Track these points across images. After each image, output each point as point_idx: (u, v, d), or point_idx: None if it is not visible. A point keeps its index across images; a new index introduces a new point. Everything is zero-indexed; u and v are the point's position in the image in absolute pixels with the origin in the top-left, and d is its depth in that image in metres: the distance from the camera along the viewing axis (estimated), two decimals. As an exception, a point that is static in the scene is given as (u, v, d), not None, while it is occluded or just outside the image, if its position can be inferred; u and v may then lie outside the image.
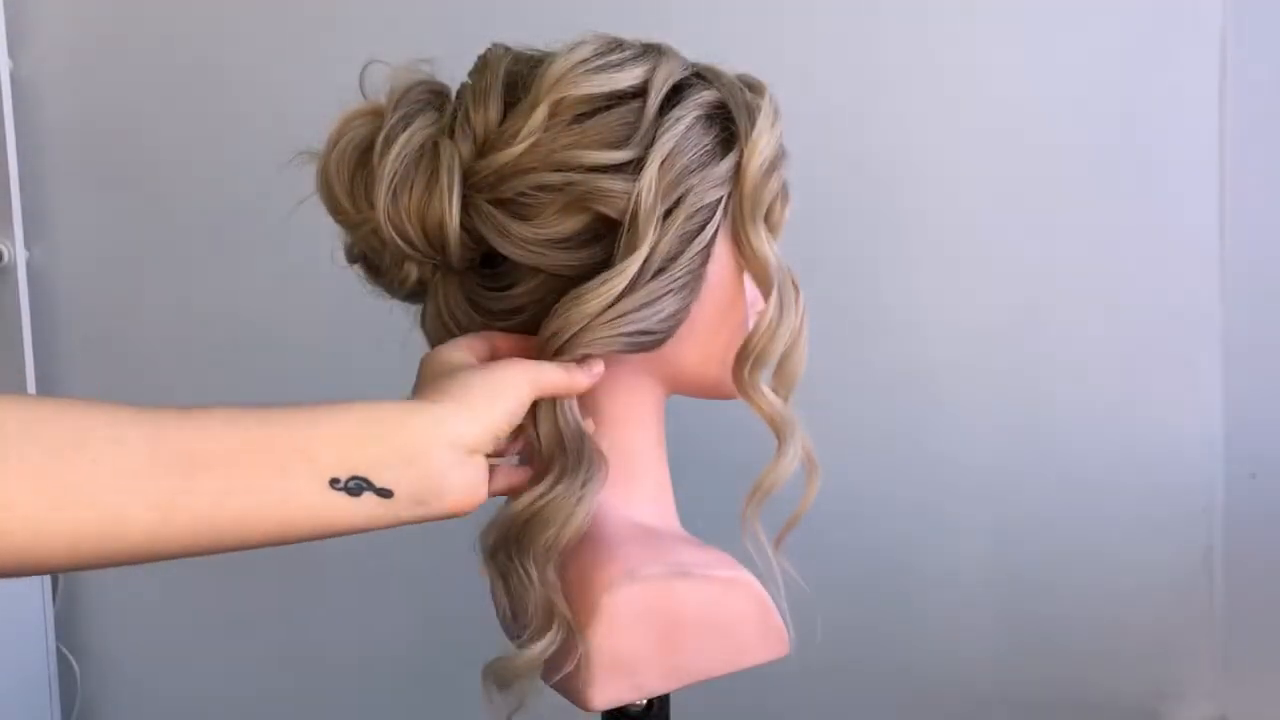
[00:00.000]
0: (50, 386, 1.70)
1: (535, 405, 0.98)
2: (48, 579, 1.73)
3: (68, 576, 1.75)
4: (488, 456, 0.92)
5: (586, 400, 1.05)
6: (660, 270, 0.99)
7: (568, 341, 0.98)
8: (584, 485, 0.98)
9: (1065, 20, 1.62)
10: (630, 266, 0.98)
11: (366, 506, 0.86)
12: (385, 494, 0.86)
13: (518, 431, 0.98)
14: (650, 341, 1.01)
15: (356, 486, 0.85)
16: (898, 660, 1.72)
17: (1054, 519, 1.69)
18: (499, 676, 1.02)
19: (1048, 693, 1.72)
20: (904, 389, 1.68)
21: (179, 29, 1.68)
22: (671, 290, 1.00)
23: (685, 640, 1.01)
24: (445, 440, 0.88)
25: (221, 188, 1.69)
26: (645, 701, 1.05)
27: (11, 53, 1.65)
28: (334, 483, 0.84)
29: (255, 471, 0.82)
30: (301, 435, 0.84)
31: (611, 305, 0.98)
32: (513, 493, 1.00)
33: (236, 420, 0.83)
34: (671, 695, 1.10)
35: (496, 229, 1.00)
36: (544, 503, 0.98)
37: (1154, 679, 1.72)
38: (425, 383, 0.95)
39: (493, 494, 0.96)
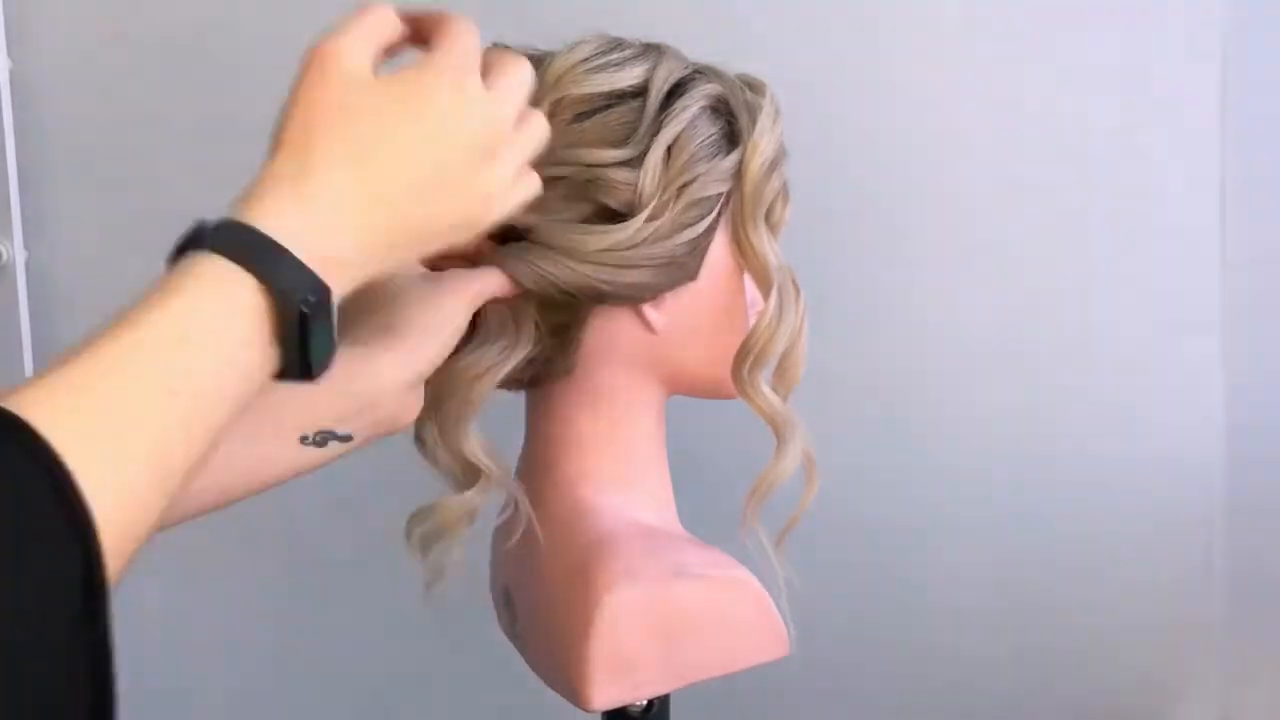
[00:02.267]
0: (50, 387, 1.70)
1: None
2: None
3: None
4: None
5: (587, 401, 1.06)
6: (642, 244, 1.00)
7: (533, 265, 1.00)
8: (502, 351, 1.03)
9: (1065, 19, 1.62)
10: (618, 234, 0.99)
11: (331, 450, 0.93)
12: (346, 439, 0.93)
13: None
14: (600, 296, 1.02)
15: (322, 439, 0.92)
16: (898, 660, 1.72)
17: (1054, 519, 1.68)
18: (425, 530, 1.07)
19: (1048, 693, 1.72)
20: (904, 389, 1.68)
21: (179, 29, 1.67)
22: (645, 265, 1.01)
23: (685, 640, 1.01)
24: (395, 388, 0.94)
25: (222, 188, 1.66)
26: (645, 702, 1.05)
27: (11, 53, 1.65)
28: (303, 439, 0.92)
29: (235, 445, 0.80)
30: (265, 400, 0.78)
31: (582, 257, 1.00)
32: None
33: None
34: (672, 695, 1.10)
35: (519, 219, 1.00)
36: (460, 364, 1.02)
37: (1154, 679, 1.72)
38: (366, 295, 0.90)
39: None
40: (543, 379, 1.08)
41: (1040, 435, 1.68)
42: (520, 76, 0.85)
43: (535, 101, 0.99)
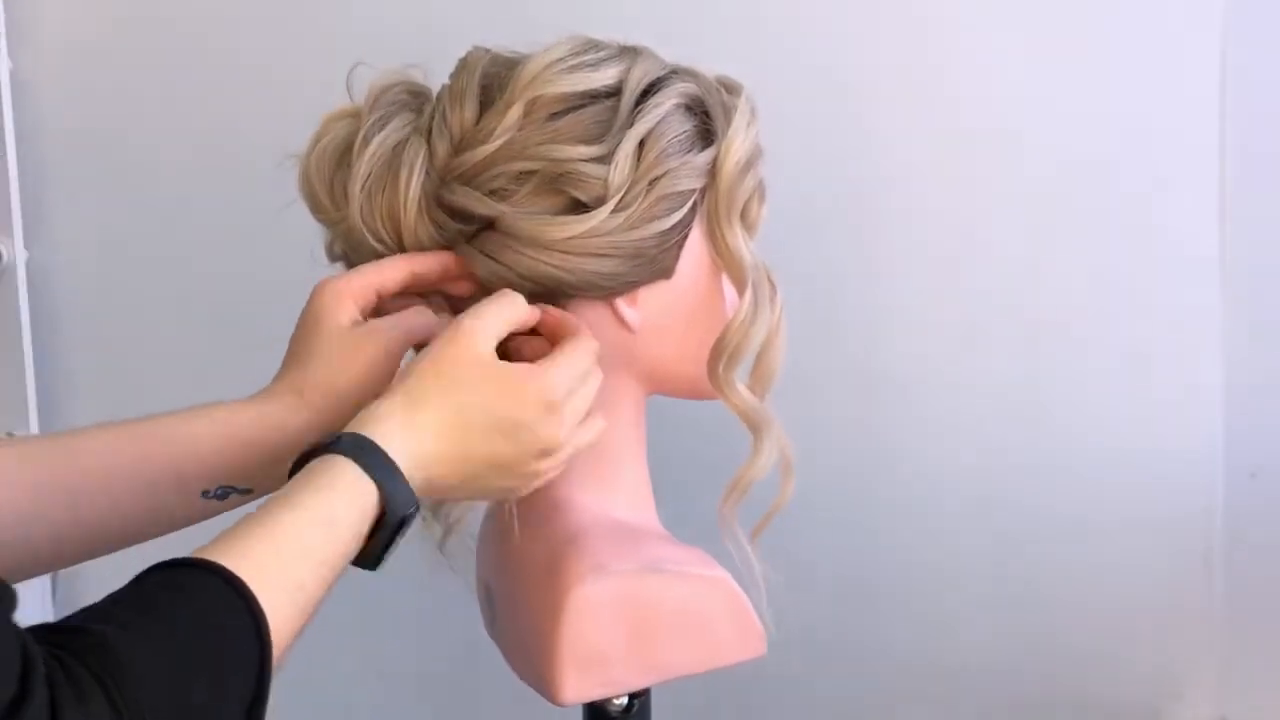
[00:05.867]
0: (50, 387, 1.70)
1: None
2: (48, 580, 1.74)
3: (68, 578, 1.75)
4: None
5: None
6: (608, 233, 1.00)
7: (493, 257, 1.01)
8: None
9: (1065, 19, 1.61)
10: (585, 223, 1.00)
11: (232, 501, 0.99)
12: (246, 491, 0.99)
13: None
14: (562, 287, 1.02)
15: (223, 493, 0.99)
16: (897, 660, 1.72)
17: (1054, 519, 1.68)
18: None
19: (1048, 693, 1.72)
20: (903, 388, 1.68)
21: (179, 29, 1.68)
22: (611, 255, 1.01)
23: (657, 636, 1.01)
24: (295, 446, 0.95)
25: (221, 187, 1.69)
26: (627, 700, 1.06)
27: (11, 53, 1.65)
28: (204, 494, 0.98)
29: (132, 496, 0.96)
30: (169, 454, 0.97)
31: (546, 245, 1.00)
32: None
33: (111, 446, 0.97)
34: (653, 695, 1.10)
35: (485, 208, 1.01)
36: None
37: (1154, 679, 1.72)
38: (298, 343, 1.03)
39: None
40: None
41: (1040, 434, 1.67)
42: (594, 382, 1.01)
43: (510, 102, 1.00)
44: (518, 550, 1.07)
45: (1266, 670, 1.70)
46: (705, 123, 1.05)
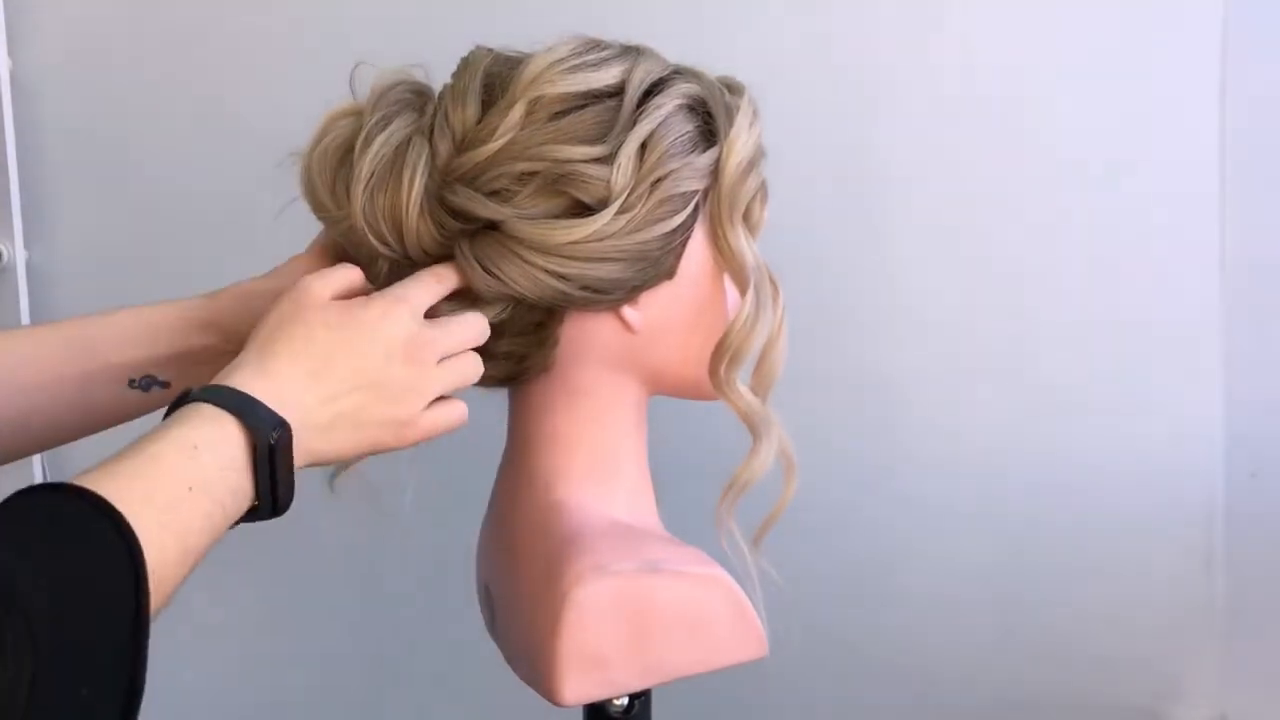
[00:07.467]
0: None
1: None
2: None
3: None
4: None
5: (565, 398, 1.07)
6: (611, 236, 1.00)
7: (492, 271, 1.01)
8: None
9: (1065, 19, 1.61)
10: (588, 226, 0.99)
11: (152, 396, 1.06)
12: (165, 385, 1.06)
13: None
14: (568, 297, 1.02)
15: (146, 384, 1.05)
16: (895, 660, 1.72)
17: (1054, 519, 1.68)
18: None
19: (1047, 693, 1.72)
20: (902, 389, 1.68)
21: (179, 29, 1.68)
22: (615, 259, 1.01)
23: (657, 636, 1.01)
24: (200, 339, 1.07)
25: (222, 188, 1.68)
26: (627, 701, 1.05)
27: (11, 53, 1.65)
28: (131, 382, 1.05)
29: (64, 385, 1.03)
30: (98, 346, 1.05)
31: (548, 250, 1.00)
32: None
33: (45, 342, 1.05)
34: (661, 696, 1.10)
35: (488, 211, 1.01)
36: None
37: (1154, 679, 1.72)
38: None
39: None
40: (521, 377, 1.08)
41: (1039, 435, 1.68)
42: (469, 320, 1.00)
43: (511, 101, 1.00)
44: (517, 551, 1.07)
45: (1266, 670, 1.70)
46: (707, 123, 1.05)
